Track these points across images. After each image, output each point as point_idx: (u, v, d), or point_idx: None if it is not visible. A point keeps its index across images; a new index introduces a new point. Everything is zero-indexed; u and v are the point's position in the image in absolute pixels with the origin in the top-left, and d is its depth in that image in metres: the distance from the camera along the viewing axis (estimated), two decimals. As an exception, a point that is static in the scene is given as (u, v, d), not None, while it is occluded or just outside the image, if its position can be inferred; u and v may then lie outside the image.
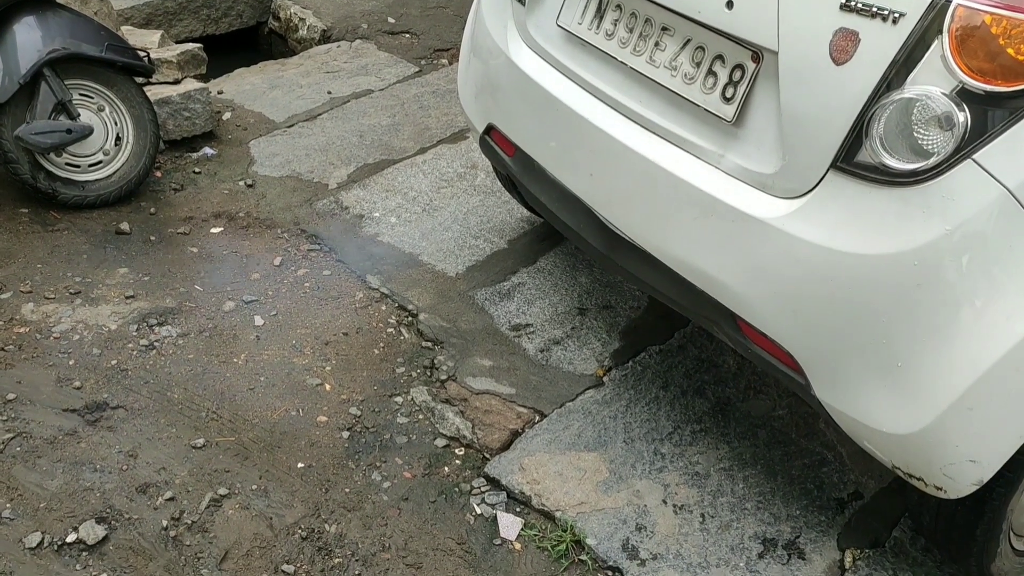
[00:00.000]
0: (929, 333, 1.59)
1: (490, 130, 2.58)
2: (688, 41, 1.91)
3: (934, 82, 1.53)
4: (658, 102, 1.99)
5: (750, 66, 1.77)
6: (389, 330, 2.80)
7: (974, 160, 1.50)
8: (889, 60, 1.55)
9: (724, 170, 1.85)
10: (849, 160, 1.62)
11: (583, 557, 2.13)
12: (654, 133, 2.00)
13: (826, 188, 1.66)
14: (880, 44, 1.56)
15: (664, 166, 1.93)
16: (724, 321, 1.94)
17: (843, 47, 1.60)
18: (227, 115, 3.98)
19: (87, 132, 3.10)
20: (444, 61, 4.64)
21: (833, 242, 1.64)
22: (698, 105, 1.88)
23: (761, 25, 1.72)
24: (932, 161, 1.53)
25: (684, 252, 1.93)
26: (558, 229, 2.50)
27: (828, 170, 1.65)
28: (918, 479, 1.75)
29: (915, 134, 1.55)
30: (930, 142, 1.54)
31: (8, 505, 2.09)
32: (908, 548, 2.18)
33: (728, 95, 1.82)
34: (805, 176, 1.69)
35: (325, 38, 4.89)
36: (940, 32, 1.51)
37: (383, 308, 2.88)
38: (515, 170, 2.51)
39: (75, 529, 2.05)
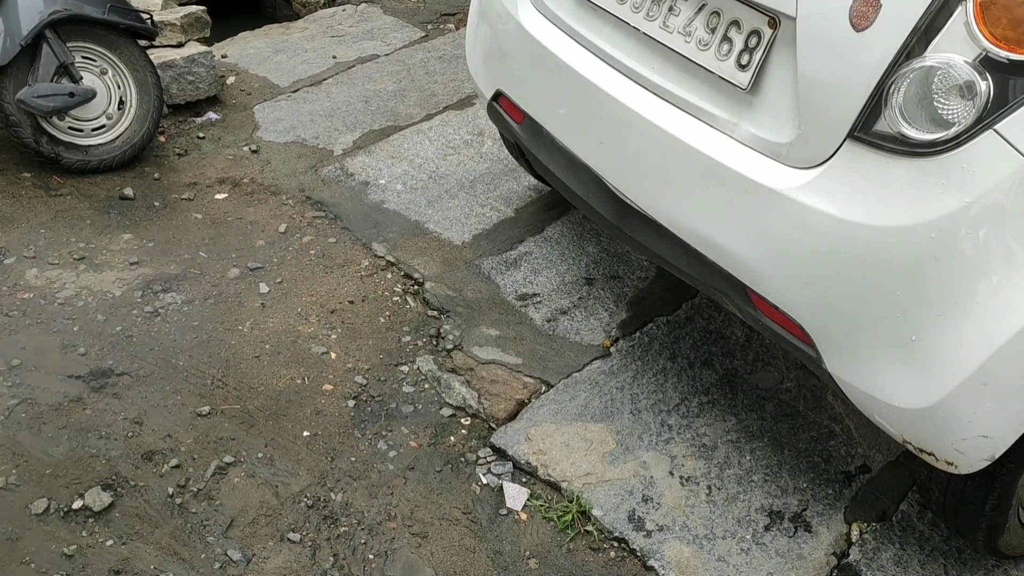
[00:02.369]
0: (944, 307, 1.56)
1: (498, 96, 2.53)
2: (703, 6, 1.87)
3: (956, 50, 1.48)
4: (671, 69, 1.95)
5: (766, 32, 1.73)
6: (395, 299, 2.78)
7: (995, 131, 1.46)
8: (911, 27, 1.51)
9: (738, 139, 1.81)
10: (867, 130, 1.58)
11: (589, 528, 2.12)
12: (666, 100, 1.96)
13: (842, 158, 1.63)
14: (902, 10, 1.51)
15: (676, 134, 1.89)
16: (734, 293, 1.91)
17: (864, 13, 1.55)
18: (231, 79, 3.93)
19: (90, 95, 3.06)
20: (451, 26, 4.57)
21: (848, 213, 1.61)
22: (712, 72, 1.84)
23: (779, -10, 1.67)
24: (952, 131, 1.50)
25: (695, 222, 1.90)
26: (566, 198, 2.46)
27: (845, 140, 1.61)
28: (929, 454, 1.73)
29: (935, 103, 1.51)
30: (951, 112, 1.50)
31: (14, 471, 2.09)
32: (915, 522, 2.17)
33: (743, 62, 1.78)
34: (821, 146, 1.65)
35: (330, 1, 4.82)
36: (964, -2, 1.47)
37: (389, 276, 2.86)
38: (523, 137, 2.47)
39: (81, 496, 2.05)
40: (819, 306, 1.72)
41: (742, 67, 1.78)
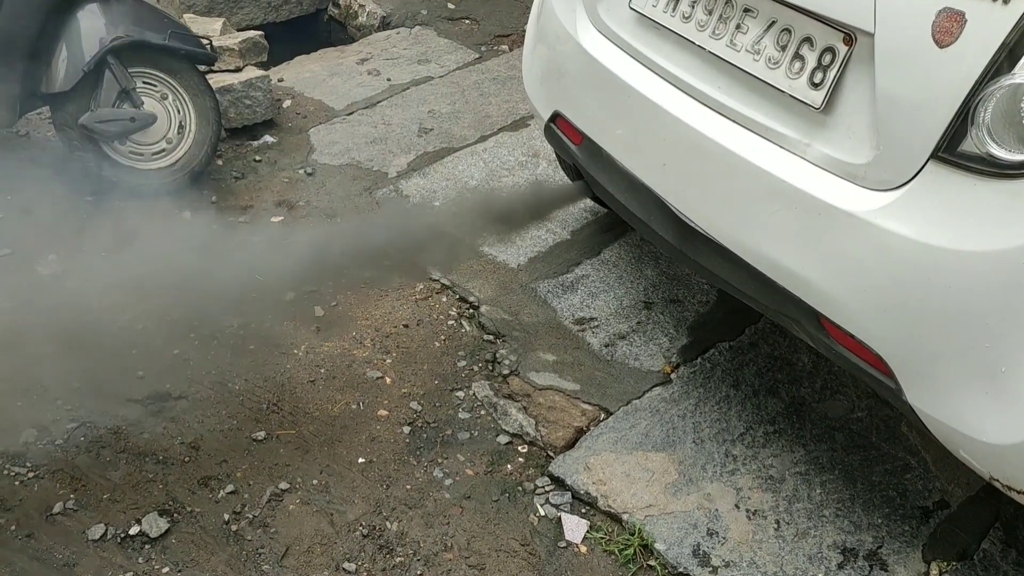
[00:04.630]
0: (1037, 337, 1.47)
1: (556, 118, 2.49)
2: (773, 23, 1.80)
3: (1048, 66, 1.41)
4: (738, 88, 1.89)
5: (842, 49, 1.66)
6: (450, 322, 2.74)
7: (1092, 151, 1.38)
8: (998, 43, 1.43)
9: (810, 160, 1.74)
10: (951, 150, 1.50)
11: (652, 562, 2.05)
12: (733, 121, 1.89)
13: (925, 180, 1.55)
14: (989, 25, 1.44)
15: (744, 156, 1.83)
16: (806, 320, 1.83)
17: (947, 28, 1.48)
18: (287, 103, 3.96)
19: (150, 120, 3.10)
20: (505, 47, 4.56)
21: (932, 238, 1.53)
22: (783, 91, 1.77)
23: (855, 5, 1.60)
24: (1045, 152, 1.41)
25: (765, 247, 1.83)
26: (626, 220, 2.41)
27: (928, 161, 1.53)
28: (1019, 492, 1.63)
29: (1025, 122, 1.43)
30: (1042, 131, 1.42)
31: (72, 496, 2.09)
32: (999, 562, 2.05)
33: (816, 80, 1.71)
34: (901, 167, 1.57)
35: (384, 25, 4.85)
36: (1057, 12, 1.39)
37: (444, 300, 2.83)
38: (582, 159, 2.42)
39: (138, 521, 2.04)
40: (900, 335, 1.63)
41: (815, 86, 1.71)
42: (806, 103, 1.72)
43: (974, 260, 1.49)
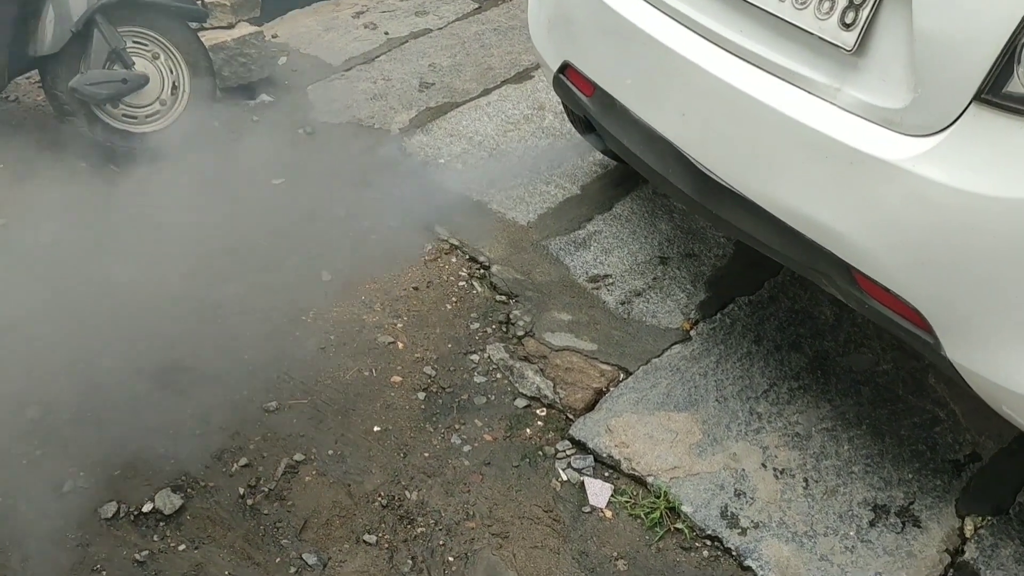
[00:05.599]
0: (1088, 287, 1.40)
1: (565, 68, 2.39)
2: (800, -40, 1.70)
3: (1102, -2, 1.31)
4: (763, 32, 1.79)
5: (876, -14, 1.56)
6: (461, 284, 2.67)
7: None
8: (1048, -27, 1.34)
9: (841, 106, 1.65)
10: (996, 91, 1.41)
11: (679, 525, 2.00)
12: (757, 67, 1.80)
13: (967, 123, 1.46)
14: (1038, -45, 1.34)
15: (770, 103, 1.74)
16: (836, 274, 1.76)
17: (993, -41, 1.38)
18: (283, 60, 3.84)
19: (143, 81, 2.99)
20: (504, -4, 4.42)
21: (975, 185, 1.45)
22: (812, 33, 1.67)
23: (891, -62, 1.50)
24: (1098, 90, 1.33)
25: (793, 199, 1.75)
26: (642, 174, 2.32)
27: (970, 103, 1.44)
28: (1062, 447, 1.58)
29: (1077, 60, 1.34)
30: (1095, 69, 1.33)
31: (81, 473, 2.03)
32: (1034, 515, 2.01)
33: (848, 20, 1.61)
34: (941, 110, 1.49)
35: (379, -24, 4.69)
36: (1113, -62, 1.29)
37: (453, 260, 2.75)
38: (593, 111, 2.32)
39: (151, 498, 1.99)
40: (938, 288, 1.56)
41: (846, 26, 1.61)
42: (837, 45, 1.63)
43: (1019, 208, 1.41)
